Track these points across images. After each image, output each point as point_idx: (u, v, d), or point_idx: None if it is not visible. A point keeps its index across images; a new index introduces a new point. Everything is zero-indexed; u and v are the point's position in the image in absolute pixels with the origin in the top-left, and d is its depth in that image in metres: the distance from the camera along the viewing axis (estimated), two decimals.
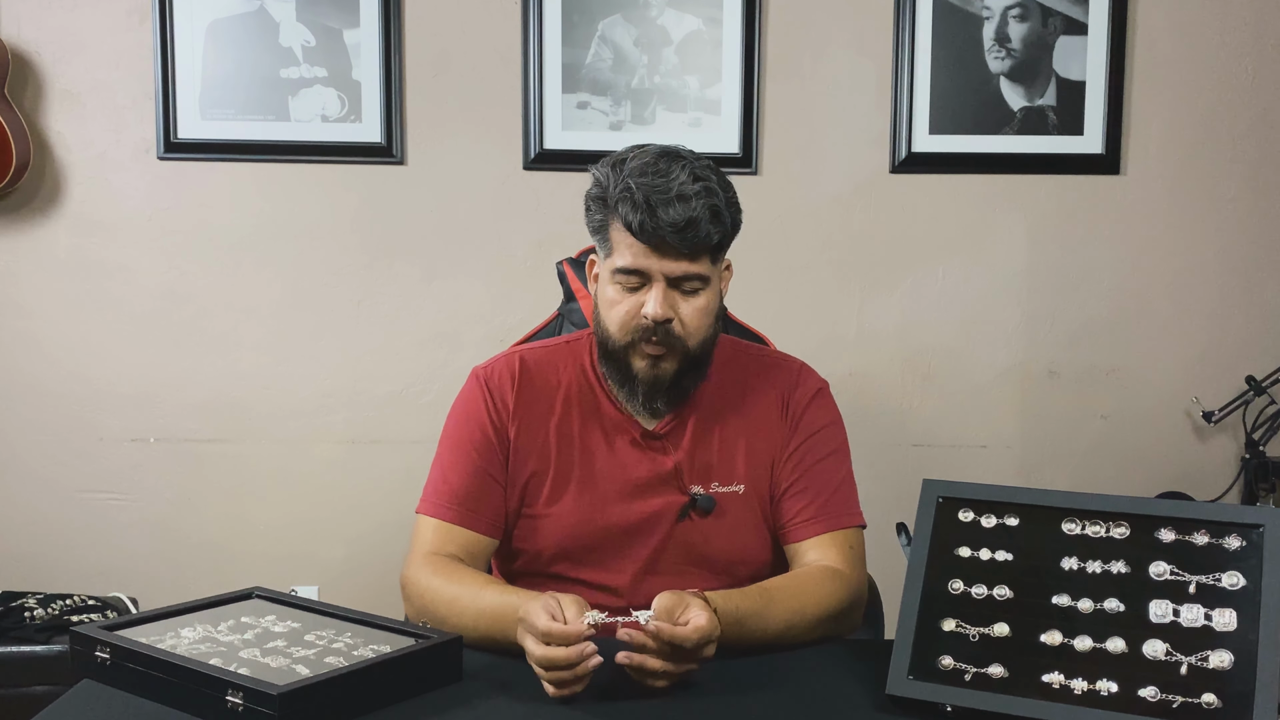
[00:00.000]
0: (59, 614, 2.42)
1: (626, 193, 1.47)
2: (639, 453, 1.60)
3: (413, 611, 1.53)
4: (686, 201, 1.45)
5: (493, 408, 1.62)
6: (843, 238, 2.79)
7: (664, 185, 1.46)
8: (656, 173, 1.48)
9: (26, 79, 2.71)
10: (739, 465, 1.61)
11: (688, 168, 1.49)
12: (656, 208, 1.45)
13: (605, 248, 1.54)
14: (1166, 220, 2.80)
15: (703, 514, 1.59)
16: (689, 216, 1.45)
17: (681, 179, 1.47)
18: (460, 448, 1.61)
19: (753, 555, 1.62)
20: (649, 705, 1.27)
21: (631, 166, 1.50)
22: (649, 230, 1.46)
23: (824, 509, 1.60)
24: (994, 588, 1.30)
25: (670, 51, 2.73)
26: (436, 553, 1.55)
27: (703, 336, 1.54)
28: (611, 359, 1.56)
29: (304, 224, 2.77)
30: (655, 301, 1.49)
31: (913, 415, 2.83)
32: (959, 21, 2.73)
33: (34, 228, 2.75)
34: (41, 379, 2.78)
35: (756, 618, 1.41)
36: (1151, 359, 2.83)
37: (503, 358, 1.67)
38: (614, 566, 1.59)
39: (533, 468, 1.60)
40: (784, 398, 1.65)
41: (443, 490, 1.59)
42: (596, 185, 1.54)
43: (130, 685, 1.29)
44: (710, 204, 1.47)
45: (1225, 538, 1.24)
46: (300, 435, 2.80)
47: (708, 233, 1.48)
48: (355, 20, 2.71)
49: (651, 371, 1.54)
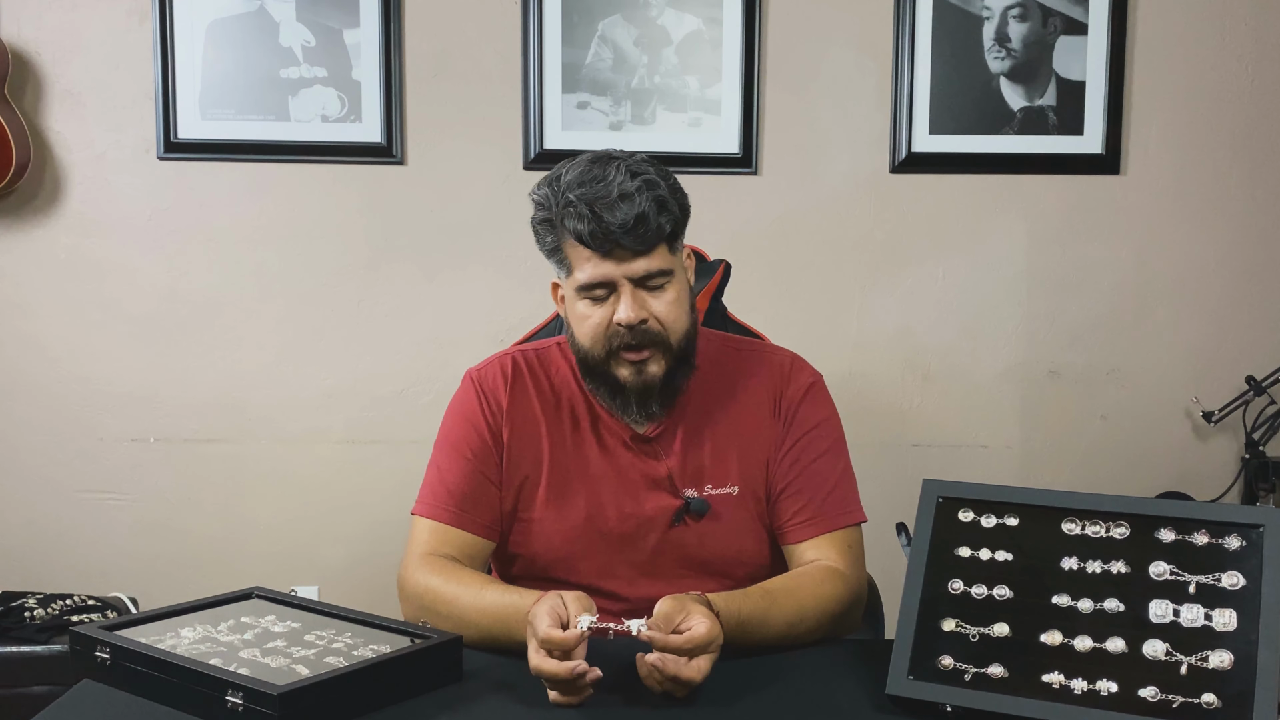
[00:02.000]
0: (59, 614, 2.42)
1: (569, 207, 1.46)
2: (631, 456, 1.59)
3: (410, 611, 1.53)
4: (630, 199, 1.44)
5: (487, 409, 1.61)
6: (843, 238, 2.79)
7: (604, 190, 1.45)
8: (593, 179, 1.46)
9: (26, 79, 2.71)
10: (732, 467, 1.60)
11: (623, 166, 1.48)
12: (602, 213, 1.44)
13: (564, 267, 1.52)
14: (1166, 220, 2.80)
15: (696, 517, 1.58)
16: (636, 213, 1.44)
17: (620, 179, 1.46)
18: (456, 450, 1.61)
19: (749, 556, 1.61)
20: (649, 705, 1.27)
21: (568, 180, 1.48)
22: (600, 237, 1.45)
23: (821, 509, 1.59)
24: (994, 588, 1.30)
25: (670, 51, 2.73)
26: (433, 554, 1.55)
27: (683, 329, 1.53)
28: (595, 374, 1.55)
29: (304, 224, 2.77)
30: (626, 306, 1.48)
31: (913, 415, 2.83)
32: (959, 21, 2.73)
33: (34, 228, 2.75)
34: (41, 379, 2.78)
35: (759, 619, 1.41)
36: (1151, 359, 2.83)
37: (495, 359, 1.67)
38: (612, 571, 1.58)
39: (526, 470, 1.60)
40: (775, 394, 1.63)
41: (439, 492, 1.59)
42: (539, 209, 1.52)
43: (130, 685, 1.29)
44: (654, 196, 1.46)
45: (1225, 538, 1.24)
46: (300, 435, 2.80)
47: (658, 225, 1.46)
48: (355, 20, 2.71)
49: (639, 379, 1.52)
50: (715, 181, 2.74)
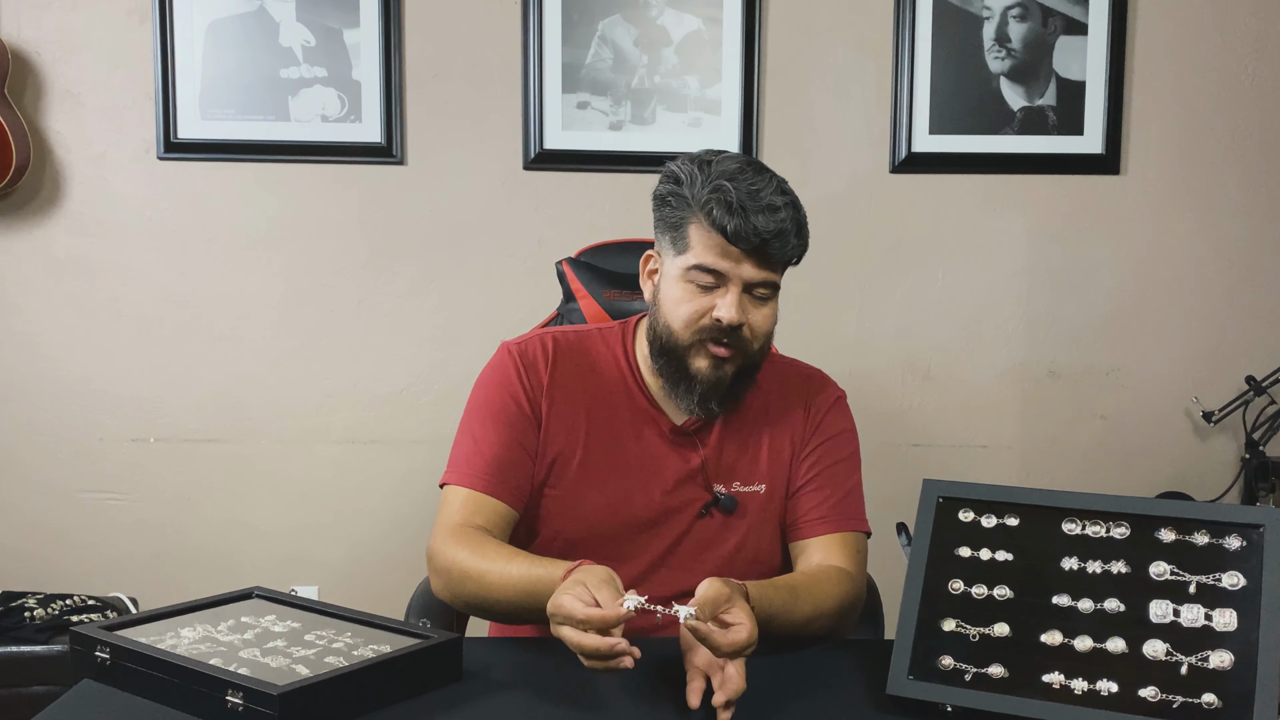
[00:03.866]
0: (59, 614, 2.42)
1: (718, 193, 1.47)
2: (667, 447, 1.61)
3: (439, 585, 1.52)
4: (776, 212, 1.47)
5: (526, 381, 1.60)
6: (842, 238, 2.79)
7: (757, 193, 1.48)
8: (749, 179, 1.49)
9: (26, 79, 2.71)
10: (761, 464, 1.63)
11: (775, 180, 1.51)
12: (750, 213, 1.46)
13: (679, 245, 1.53)
14: (1166, 220, 2.80)
15: (724, 513, 1.60)
16: (779, 227, 1.47)
17: (772, 190, 1.49)
18: (495, 417, 1.59)
19: (765, 555, 1.63)
20: (649, 705, 1.27)
21: (720, 169, 1.50)
22: (741, 234, 1.47)
23: (836, 509, 1.62)
24: (994, 588, 1.30)
25: (670, 51, 2.73)
26: (465, 524, 1.53)
27: (765, 344, 1.57)
28: (670, 356, 1.55)
29: (304, 224, 2.77)
30: (730, 306, 1.49)
31: (913, 415, 2.83)
32: (959, 21, 2.73)
33: (34, 228, 2.75)
34: (41, 379, 2.78)
35: (784, 613, 1.42)
36: (1151, 359, 2.83)
37: (535, 335, 1.67)
38: (628, 557, 1.58)
39: (559, 447, 1.60)
40: (807, 401, 1.68)
41: (475, 460, 1.57)
42: (674, 181, 1.53)
43: (130, 685, 1.28)
44: (796, 218, 1.50)
45: (1225, 538, 1.24)
46: (300, 435, 2.80)
47: (792, 245, 1.50)
48: (355, 20, 2.71)
49: (714, 373, 1.54)
50: None
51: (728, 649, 1.23)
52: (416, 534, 1.93)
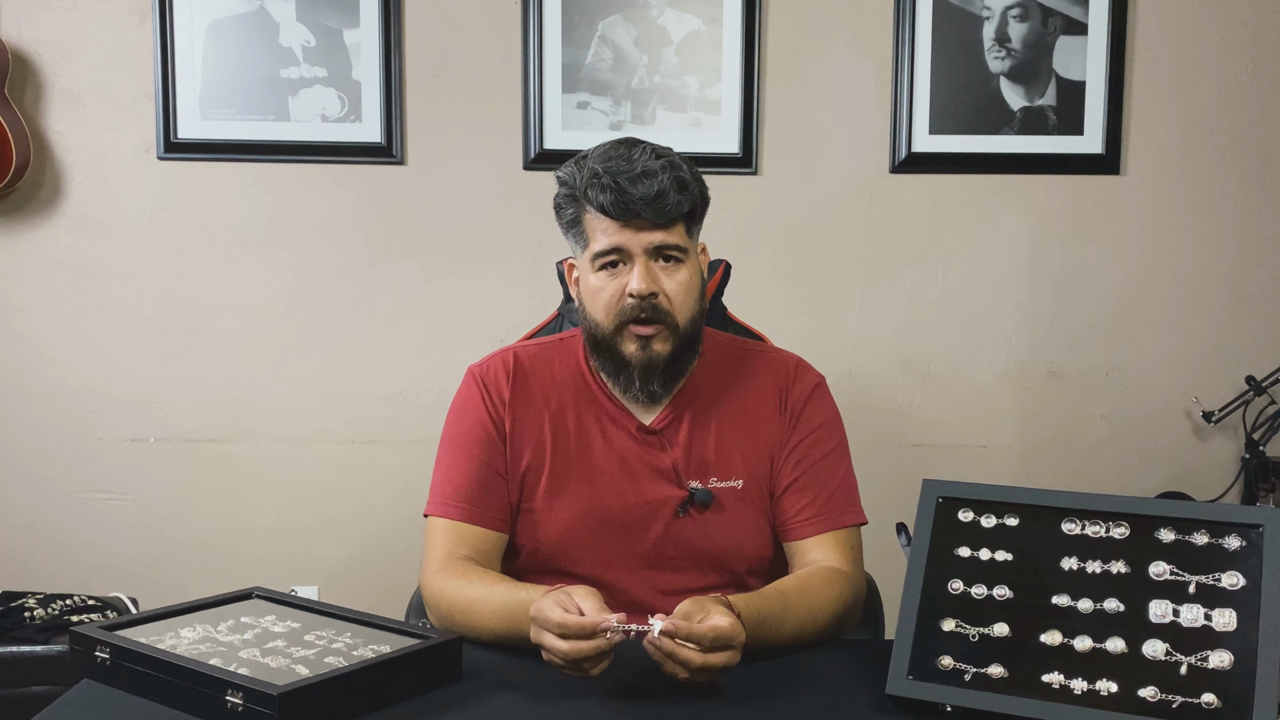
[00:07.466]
0: (59, 614, 2.42)
1: (594, 178, 1.52)
2: (636, 447, 1.61)
3: (432, 617, 1.55)
4: (653, 176, 1.51)
5: (490, 403, 1.63)
6: (843, 238, 2.79)
7: (628, 166, 1.52)
8: (619, 156, 1.54)
9: (26, 79, 2.71)
10: (736, 460, 1.62)
11: (648, 149, 1.56)
12: (624, 186, 1.50)
13: (581, 241, 1.57)
14: (1166, 220, 2.80)
15: (701, 509, 1.60)
16: (658, 188, 1.50)
17: (644, 158, 1.53)
18: (461, 445, 1.62)
19: (752, 550, 1.62)
20: (650, 706, 1.27)
21: (594, 156, 1.56)
22: (620, 206, 1.50)
23: (825, 507, 1.61)
24: (994, 588, 1.30)
25: (670, 51, 2.73)
26: (450, 555, 1.56)
27: (690, 312, 1.57)
28: (602, 349, 1.58)
29: (304, 224, 2.77)
30: (638, 276, 1.52)
31: (913, 415, 2.83)
32: (959, 21, 2.73)
33: (33, 228, 2.75)
34: (41, 379, 2.78)
35: (775, 620, 1.42)
36: (1151, 359, 2.83)
37: (497, 355, 1.69)
38: (614, 562, 1.59)
39: (528, 461, 1.61)
40: (781, 392, 1.66)
41: (448, 490, 1.60)
42: (563, 185, 1.58)
43: (130, 685, 1.29)
44: (675, 176, 1.53)
45: (1225, 538, 1.24)
46: (300, 435, 2.80)
47: (677, 201, 1.52)
48: (355, 20, 2.71)
49: (644, 354, 1.55)
50: (715, 181, 2.67)
51: (708, 634, 1.24)
52: (416, 534, 1.92)
